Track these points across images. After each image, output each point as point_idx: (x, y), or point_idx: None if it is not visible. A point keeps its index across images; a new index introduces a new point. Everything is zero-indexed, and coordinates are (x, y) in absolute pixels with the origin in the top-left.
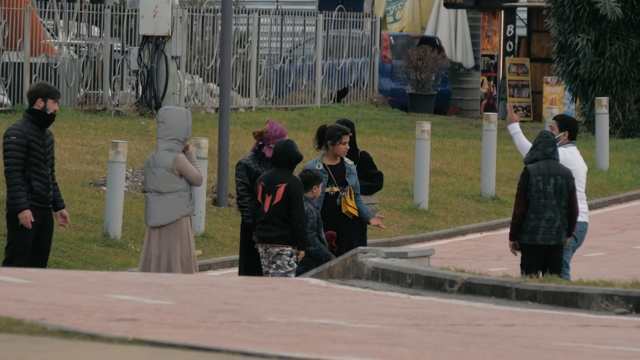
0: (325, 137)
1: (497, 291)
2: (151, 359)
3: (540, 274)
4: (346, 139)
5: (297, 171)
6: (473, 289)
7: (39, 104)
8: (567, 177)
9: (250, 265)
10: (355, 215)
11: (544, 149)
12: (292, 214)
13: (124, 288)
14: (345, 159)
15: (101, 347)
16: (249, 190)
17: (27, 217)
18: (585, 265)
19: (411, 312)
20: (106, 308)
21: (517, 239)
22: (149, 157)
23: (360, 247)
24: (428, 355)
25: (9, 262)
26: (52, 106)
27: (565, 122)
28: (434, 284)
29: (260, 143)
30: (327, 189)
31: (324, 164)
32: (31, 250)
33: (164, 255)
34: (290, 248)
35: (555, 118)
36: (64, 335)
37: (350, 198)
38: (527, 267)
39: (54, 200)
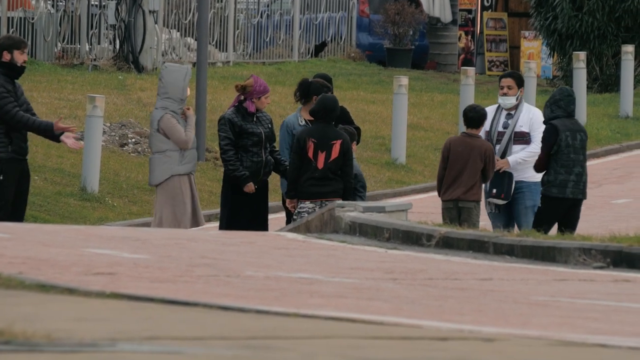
0: (310, 92)
1: (475, 245)
2: (129, 313)
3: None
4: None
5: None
6: (451, 243)
7: (6, 57)
8: (586, 134)
9: (233, 219)
10: None
11: (567, 106)
12: (345, 170)
13: (102, 242)
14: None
15: (79, 301)
16: (232, 145)
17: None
18: None
19: (389, 267)
20: (84, 262)
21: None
22: None
23: (338, 201)
24: (405, 310)
25: None
26: (19, 57)
27: (520, 78)
28: (412, 238)
29: (242, 97)
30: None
31: (305, 120)
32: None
33: (157, 214)
34: None
35: (510, 76)
36: (42, 289)
37: None
38: (547, 220)
39: (50, 134)
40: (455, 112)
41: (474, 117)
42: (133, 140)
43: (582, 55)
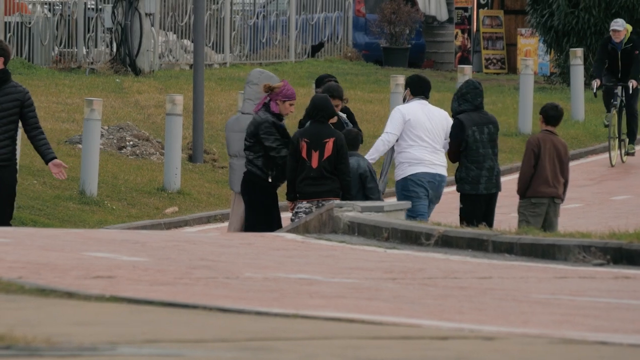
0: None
1: (474, 244)
2: (129, 316)
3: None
4: (335, 102)
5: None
6: (449, 242)
7: None
8: (496, 125)
9: (262, 223)
10: None
11: (473, 100)
12: (341, 168)
13: (101, 245)
14: (339, 114)
15: (78, 304)
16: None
17: None
18: (562, 216)
19: (388, 266)
20: (83, 265)
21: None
22: (231, 120)
23: (336, 201)
24: (405, 309)
25: None
26: None
27: (407, 81)
28: (411, 237)
29: (268, 99)
30: None
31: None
32: None
33: (233, 217)
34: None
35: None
36: (41, 293)
37: None
38: (469, 217)
39: (41, 154)
40: None
41: (555, 115)
42: (131, 142)
43: (579, 51)
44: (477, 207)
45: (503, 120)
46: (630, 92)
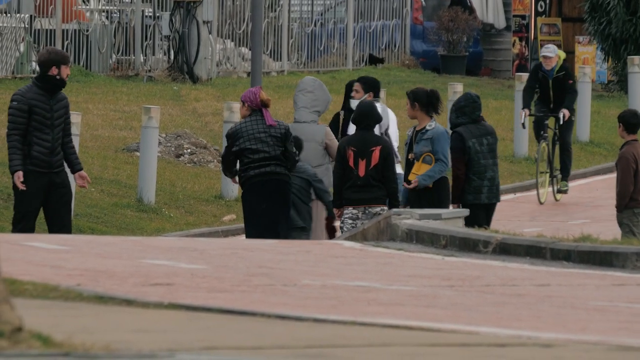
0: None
1: (532, 251)
2: (187, 324)
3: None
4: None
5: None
6: (507, 249)
7: (54, 71)
8: (494, 136)
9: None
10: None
11: (471, 113)
12: (388, 175)
13: (159, 253)
14: (430, 123)
15: (137, 312)
16: None
17: (19, 177)
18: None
19: (446, 273)
20: (141, 273)
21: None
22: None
23: (395, 209)
24: (463, 316)
25: (13, 226)
26: (65, 71)
27: (368, 84)
28: (468, 245)
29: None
30: (410, 155)
31: (414, 127)
32: (49, 217)
33: (318, 226)
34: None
35: (358, 80)
36: (100, 300)
37: (425, 164)
38: (474, 226)
39: (70, 163)
40: (510, 118)
41: (637, 122)
42: (189, 150)
43: (637, 59)
44: (480, 216)
45: None
46: (562, 123)
